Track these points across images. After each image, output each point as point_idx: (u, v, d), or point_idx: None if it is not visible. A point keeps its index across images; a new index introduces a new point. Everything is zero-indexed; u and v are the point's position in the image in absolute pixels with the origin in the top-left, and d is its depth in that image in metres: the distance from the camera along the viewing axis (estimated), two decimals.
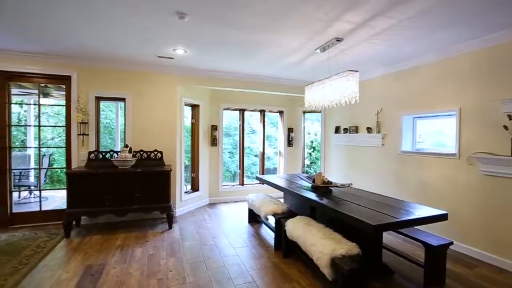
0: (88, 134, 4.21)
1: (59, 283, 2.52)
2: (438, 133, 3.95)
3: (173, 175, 4.53)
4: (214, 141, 5.59)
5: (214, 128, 5.58)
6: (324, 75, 3.24)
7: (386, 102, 4.37)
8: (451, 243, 2.60)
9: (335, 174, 5.54)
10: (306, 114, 6.40)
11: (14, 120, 7.88)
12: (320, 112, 5.98)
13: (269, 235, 3.81)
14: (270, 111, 6.28)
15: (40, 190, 4.45)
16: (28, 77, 4.09)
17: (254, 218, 4.36)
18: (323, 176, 3.25)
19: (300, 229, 2.80)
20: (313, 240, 2.54)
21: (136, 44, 3.44)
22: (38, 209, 4.25)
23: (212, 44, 3.39)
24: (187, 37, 3.15)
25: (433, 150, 3.78)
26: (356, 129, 4.96)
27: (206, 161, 5.51)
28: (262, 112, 6.18)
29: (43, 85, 4.50)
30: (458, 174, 3.33)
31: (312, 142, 8.49)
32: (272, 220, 3.64)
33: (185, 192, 5.05)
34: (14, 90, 4.90)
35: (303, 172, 6.13)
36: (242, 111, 6.01)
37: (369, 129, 4.63)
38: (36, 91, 4.36)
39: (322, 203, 2.69)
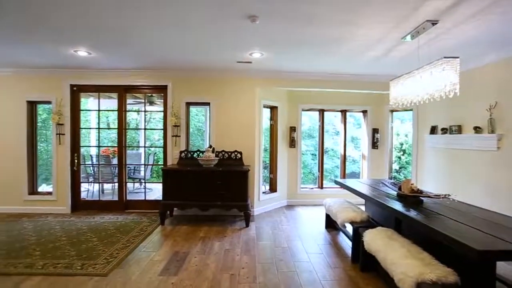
0: (179, 136, 4.81)
1: (152, 263, 2.95)
2: None
3: (252, 175, 4.72)
4: (292, 143, 5.56)
5: (292, 129, 5.55)
6: (414, 67, 2.79)
7: (504, 94, 3.44)
8: None
9: (429, 182, 4.72)
10: (394, 113, 5.68)
11: (133, 124, 9.74)
12: (411, 110, 5.20)
13: (347, 245, 3.53)
14: (352, 111, 5.84)
15: (145, 183, 5.34)
16: (138, 89, 4.97)
17: (331, 224, 4.13)
18: (411, 184, 2.80)
19: (380, 243, 2.48)
20: (394, 257, 2.21)
21: (217, 52, 3.73)
22: (143, 198, 5.11)
23: (286, 45, 3.37)
24: (261, 39, 3.22)
25: None
26: (459, 129, 4.09)
27: (285, 163, 5.53)
28: (343, 112, 5.79)
29: (149, 94, 5.39)
30: None
31: (401, 144, 7.49)
32: (350, 229, 3.36)
33: (263, 193, 5.18)
34: (129, 100, 6.03)
35: (390, 178, 5.46)
36: (321, 111, 5.78)
37: (477, 129, 3.74)
38: (144, 100, 5.24)
39: (408, 215, 2.32)
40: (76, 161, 4.93)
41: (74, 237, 3.64)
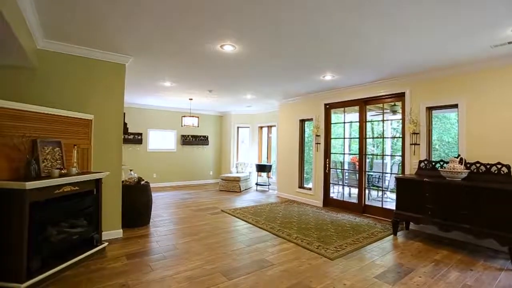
0: (419, 144, 4.43)
1: (372, 265, 3.08)
2: None
3: None
4: None
5: None
6: None
7: None
8: None
9: None
10: None
11: (383, 133, 9.96)
12: None
13: None
14: None
15: (382, 191, 5.40)
16: (376, 100, 5.23)
17: None
18: None
19: None
20: None
21: (459, 44, 3.15)
22: (380, 205, 5.21)
23: None
24: None
25: None
26: None
27: None
28: None
29: (392, 103, 5.44)
30: None
31: None
32: None
33: None
34: (371, 112, 6.39)
35: None
36: None
37: None
38: (382, 110, 5.37)
39: None
40: (327, 165, 6.06)
41: (319, 225, 4.57)
